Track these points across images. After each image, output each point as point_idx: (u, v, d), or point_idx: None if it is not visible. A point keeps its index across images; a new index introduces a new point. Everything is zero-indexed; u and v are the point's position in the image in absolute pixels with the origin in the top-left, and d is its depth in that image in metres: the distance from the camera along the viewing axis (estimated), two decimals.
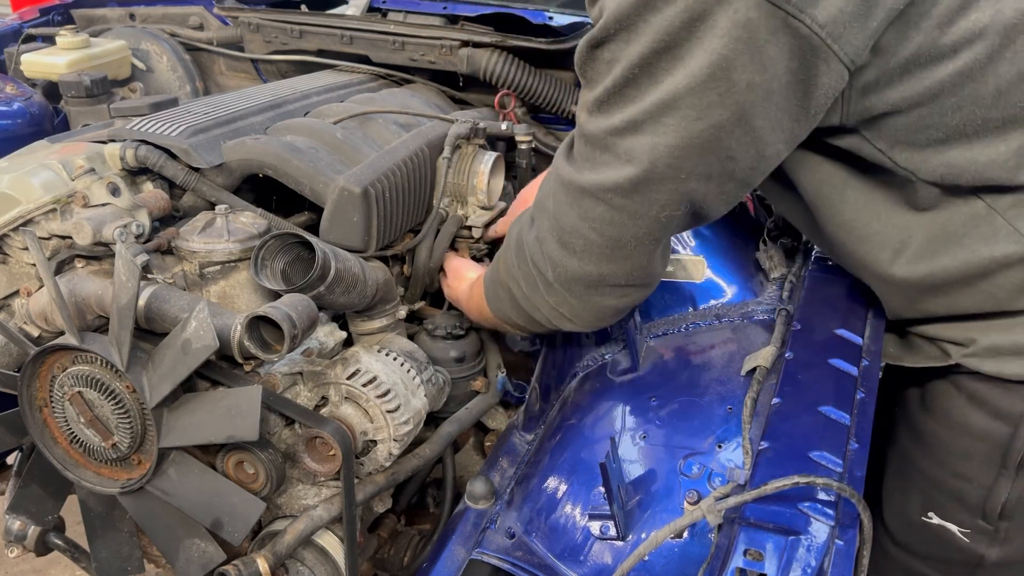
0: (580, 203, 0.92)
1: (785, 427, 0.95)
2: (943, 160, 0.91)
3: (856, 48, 0.80)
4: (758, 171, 0.89)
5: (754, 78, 0.78)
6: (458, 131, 1.47)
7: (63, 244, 1.20)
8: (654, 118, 0.82)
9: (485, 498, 1.12)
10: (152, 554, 1.26)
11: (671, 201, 0.87)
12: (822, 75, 0.81)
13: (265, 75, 2.11)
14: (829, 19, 0.77)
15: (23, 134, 1.84)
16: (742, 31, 0.76)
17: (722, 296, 1.28)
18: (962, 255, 0.96)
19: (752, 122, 0.82)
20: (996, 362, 1.00)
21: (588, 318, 1.03)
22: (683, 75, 0.79)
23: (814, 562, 0.79)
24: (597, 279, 0.96)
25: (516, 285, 1.07)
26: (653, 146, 0.83)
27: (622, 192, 0.87)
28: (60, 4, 2.34)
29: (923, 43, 0.84)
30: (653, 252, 0.94)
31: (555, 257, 0.97)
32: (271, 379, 1.12)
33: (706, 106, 0.80)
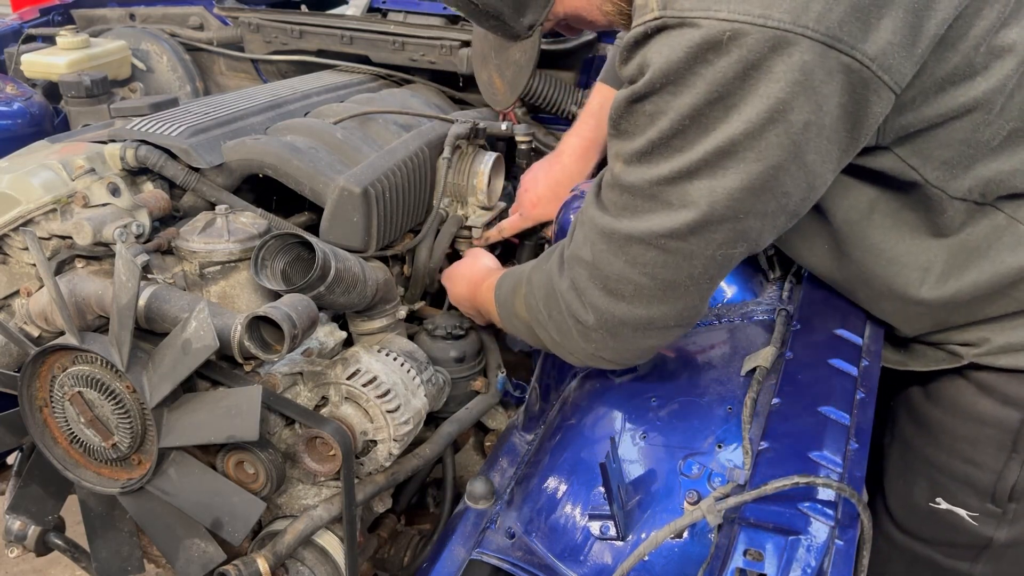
0: (627, 250, 0.90)
1: (785, 427, 0.95)
2: (971, 175, 0.92)
3: (904, 75, 0.81)
4: (808, 201, 0.89)
5: (811, 117, 0.79)
6: (458, 131, 1.47)
7: (63, 244, 1.20)
8: (710, 164, 0.82)
9: (485, 498, 1.12)
10: (152, 554, 1.26)
11: (728, 240, 0.86)
12: (872, 105, 0.81)
13: (265, 75, 2.11)
14: (879, 52, 0.78)
15: (23, 134, 1.84)
16: (799, 74, 0.76)
17: (722, 296, 1.28)
18: (989, 268, 0.97)
19: (805, 158, 0.82)
20: (1011, 357, 1.01)
21: (629, 358, 1.02)
22: (739, 122, 0.79)
23: (814, 562, 0.79)
24: (647, 322, 0.94)
25: (545, 331, 1.05)
26: (711, 190, 0.82)
27: (678, 236, 0.86)
28: (60, 4, 2.34)
29: (959, 63, 0.85)
30: (708, 290, 0.93)
31: (600, 304, 0.95)
32: (271, 379, 1.12)
33: (764, 148, 0.80)
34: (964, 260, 0.98)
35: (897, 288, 1.03)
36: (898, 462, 1.19)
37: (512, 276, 1.15)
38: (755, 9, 0.75)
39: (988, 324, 1.03)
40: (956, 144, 0.90)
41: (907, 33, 0.79)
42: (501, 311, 1.16)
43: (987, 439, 1.06)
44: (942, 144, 0.91)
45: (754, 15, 0.75)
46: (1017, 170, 0.92)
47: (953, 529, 1.12)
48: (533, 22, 1.08)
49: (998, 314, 1.01)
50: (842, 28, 0.75)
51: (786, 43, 0.75)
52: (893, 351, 1.15)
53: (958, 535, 1.12)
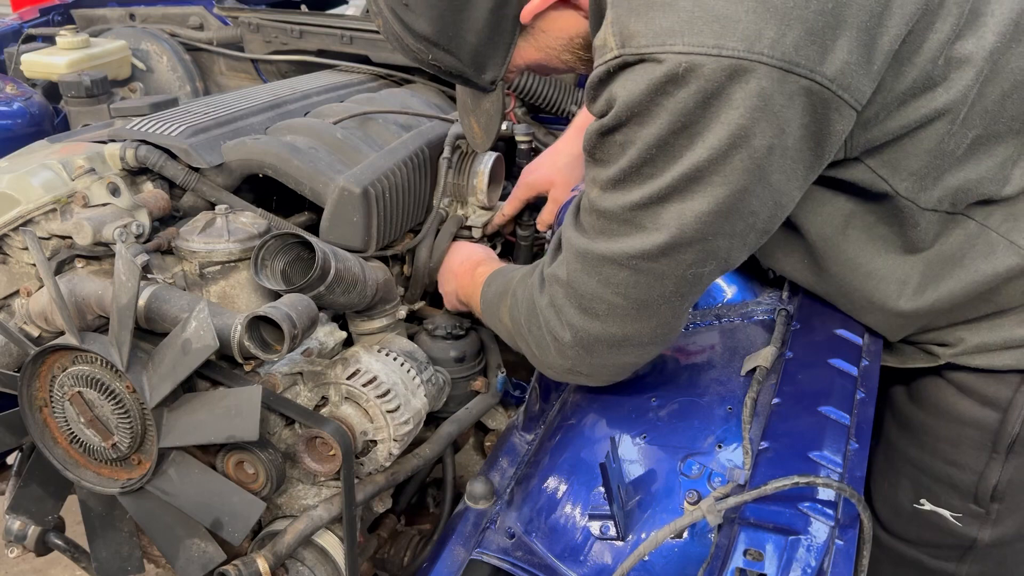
0: (600, 270, 0.92)
1: (785, 427, 0.95)
2: (942, 184, 0.94)
3: (863, 92, 0.83)
4: (776, 218, 0.91)
5: (773, 141, 0.81)
6: (458, 131, 1.47)
7: (63, 244, 1.20)
8: (678, 190, 0.84)
9: (485, 498, 1.12)
10: (152, 554, 1.26)
11: (697, 260, 0.89)
12: (835, 123, 0.84)
13: (265, 75, 2.11)
14: (838, 72, 0.80)
15: (23, 134, 1.84)
16: (757, 100, 0.78)
17: (722, 296, 1.28)
18: (965, 276, 0.98)
19: (770, 179, 0.84)
20: (985, 357, 1.02)
21: (606, 375, 1.04)
22: (703, 148, 0.81)
23: (814, 562, 0.79)
24: (621, 339, 0.96)
25: (525, 344, 1.08)
26: (681, 213, 0.85)
27: (650, 257, 0.88)
28: (60, 4, 2.34)
29: (917, 76, 0.87)
30: (680, 308, 0.95)
31: (576, 322, 0.97)
32: (271, 379, 1.12)
33: (729, 173, 0.82)
34: (940, 270, 0.99)
35: (876, 301, 1.05)
36: (882, 463, 1.19)
37: (501, 279, 1.18)
38: (708, 40, 0.77)
39: (964, 325, 1.04)
40: (923, 154, 0.92)
41: (862, 52, 0.81)
42: (485, 310, 1.19)
43: (967, 440, 1.07)
44: (910, 155, 0.93)
45: (708, 46, 0.77)
46: (983, 177, 0.94)
47: (938, 530, 1.12)
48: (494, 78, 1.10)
49: (974, 316, 1.02)
50: (798, 52, 0.78)
51: (742, 71, 0.77)
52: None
53: (943, 536, 1.12)
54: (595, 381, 1.07)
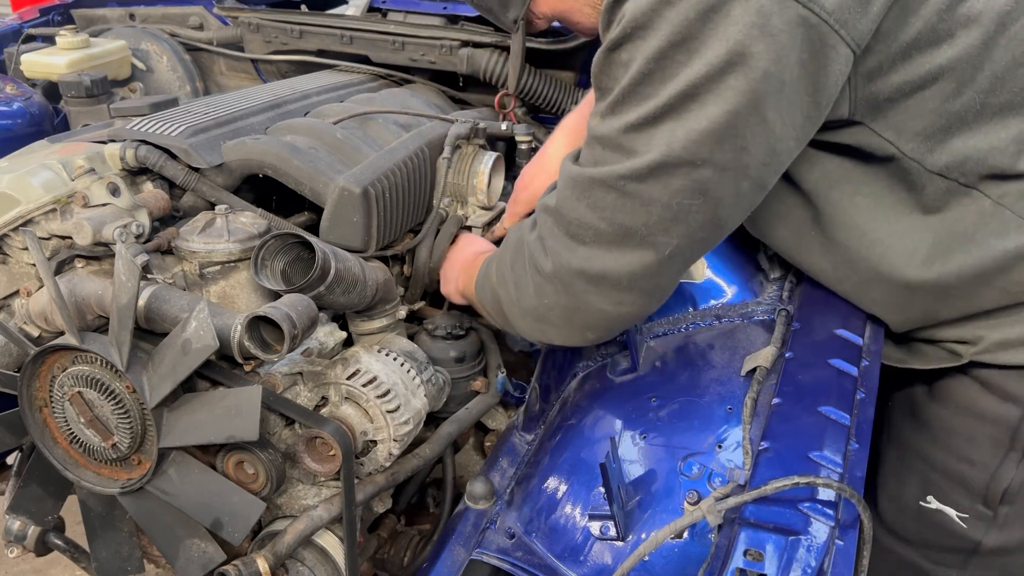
0: (590, 193, 0.92)
1: (785, 427, 0.95)
2: (947, 148, 0.94)
3: (861, 32, 0.84)
4: (771, 168, 0.90)
5: (770, 67, 0.81)
6: (458, 131, 1.47)
7: (63, 244, 1.20)
8: (673, 108, 0.85)
9: (485, 498, 1.12)
10: (152, 554, 1.26)
11: (684, 188, 0.88)
12: (831, 63, 0.84)
13: (265, 75, 2.11)
14: (836, 6, 0.81)
15: (23, 134, 1.84)
16: (756, 17, 0.79)
17: (722, 296, 1.28)
18: (976, 252, 0.97)
19: (765, 113, 0.84)
20: (1009, 354, 1.01)
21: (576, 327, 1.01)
22: (700, 64, 0.82)
23: (814, 562, 0.79)
24: (600, 274, 0.94)
25: (505, 288, 1.06)
26: (671, 133, 0.85)
27: (637, 178, 0.88)
28: (60, 4, 2.34)
29: (922, 29, 0.87)
30: (664, 252, 0.93)
31: (559, 249, 0.96)
32: (271, 379, 1.12)
33: (723, 91, 0.82)
34: (950, 244, 0.98)
35: (883, 270, 1.03)
36: (893, 461, 1.18)
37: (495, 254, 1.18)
38: None
39: (981, 320, 1.03)
40: (927, 114, 0.92)
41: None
42: (478, 283, 1.18)
43: (984, 436, 1.05)
44: (913, 115, 0.92)
45: None
46: (995, 148, 0.93)
47: (941, 530, 1.10)
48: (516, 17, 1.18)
49: (990, 307, 1.01)
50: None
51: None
52: (894, 349, 1.15)
53: (945, 537, 1.10)
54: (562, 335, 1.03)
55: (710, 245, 0.98)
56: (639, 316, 1.01)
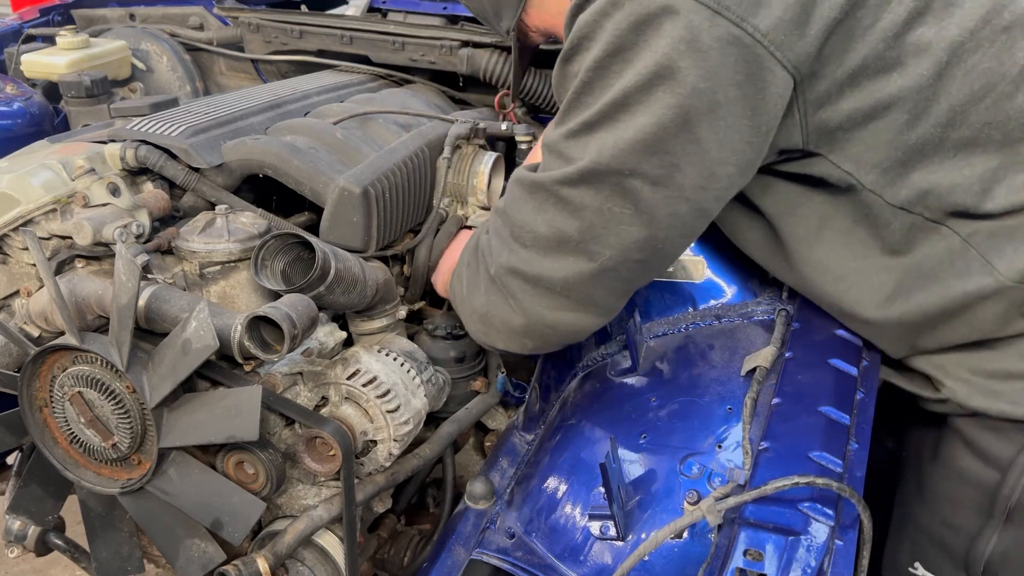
0: (534, 197, 0.95)
1: (785, 427, 0.95)
2: (907, 182, 0.93)
3: (798, 55, 0.84)
4: (710, 192, 0.90)
5: (699, 83, 0.82)
6: (458, 131, 1.47)
7: (63, 244, 1.20)
8: (606, 116, 0.87)
9: (485, 498, 1.12)
10: (152, 554, 1.26)
11: (613, 195, 0.90)
12: (769, 85, 0.84)
13: (265, 75, 2.11)
14: (770, 27, 0.81)
15: (23, 134, 1.84)
16: (685, 32, 0.81)
17: (722, 296, 1.28)
18: (938, 291, 0.96)
19: (696, 131, 0.85)
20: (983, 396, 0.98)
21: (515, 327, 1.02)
22: (632, 75, 0.84)
23: (814, 562, 0.79)
24: (536, 275, 0.97)
25: (459, 283, 1.10)
26: (602, 140, 0.88)
27: (570, 183, 0.91)
28: (60, 4, 2.33)
29: (868, 54, 0.87)
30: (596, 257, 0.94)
31: (502, 250, 1.00)
32: (271, 379, 1.12)
33: (651, 103, 0.84)
34: (913, 282, 0.97)
35: (845, 307, 1.03)
36: (895, 523, 1.16)
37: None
38: None
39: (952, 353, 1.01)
40: (883, 146, 0.91)
41: (798, 11, 0.82)
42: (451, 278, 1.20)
43: (966, 500, 1.02)
44: (870, 146, 0.92)
45: None
46: (957, 185, 0.91)
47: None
48: (508, 27, 1.22)
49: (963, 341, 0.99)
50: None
51: (674, 2, 0.81)
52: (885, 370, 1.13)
53: None
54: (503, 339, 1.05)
55: (652, 270, 0.99)
56: (577, 329, 1.01)
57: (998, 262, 0.92)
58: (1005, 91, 0.88)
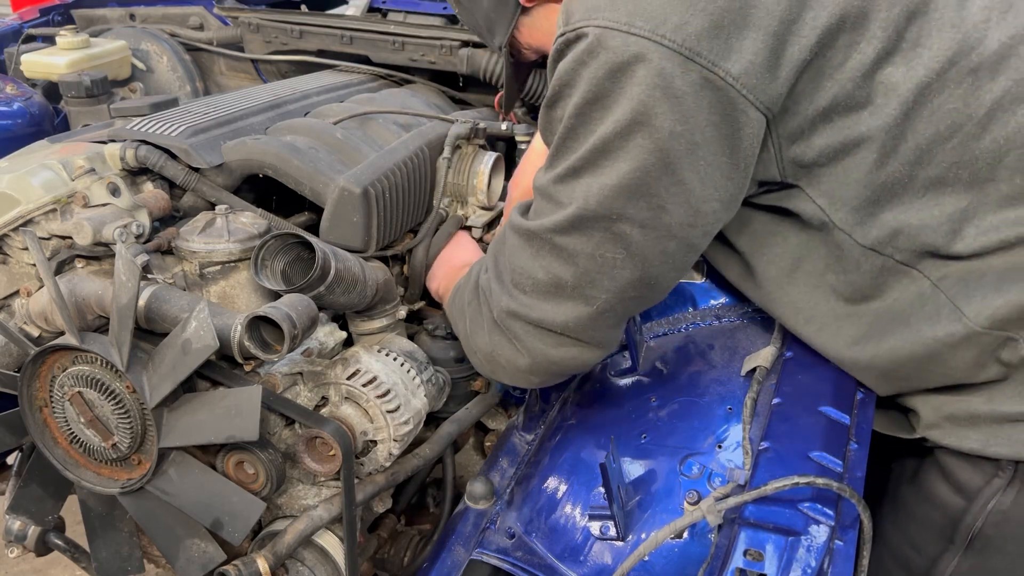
0: (531, 244, 0.97)
1: (785, 427, 0.95)
2: (877, 221, 0.94)
3: (771, 96, 0.86)
4: (697, 229, 0.92)
5: (676, 127, 0.84)
6: (458, 131, 1.47)
7: (63, 244, 1.20)
8: (590, 162, 0.89)
9: (485, 498, 1.12)
10: (152, 554, 1.26)
11: (605, 241, 0.91)
12: (744, 125, 0.86)
13: (265, 75, 2.11)
14: (742, 71, 0.83)
15: (23, 134, 1.84)
16: (658, 79, 0.83)
17: (722, 296, 1.28)
18: (909, 336, 0.96)
19: (679, 173, 0.87)
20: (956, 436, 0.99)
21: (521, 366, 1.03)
22: (610, 121, 0.86)
23: (814, 562, 0.79)
24: (537, 319, 0.98)
25: (463, 321, 1.11)
26: (587, 187, 0.90)
27: (562, 231, 0.93)
28: (60, 4, 2.33)
29: (839, 93, 0.89)
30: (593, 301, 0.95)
31: (502, 295, 1.01)
32: (271, 379, 1.12)
33: (631, 149, 0.86)
34: (885, 327, 0.98)
35: (818, 346, 1.04)
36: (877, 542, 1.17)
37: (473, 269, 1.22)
38: (622, 17, 0.84)
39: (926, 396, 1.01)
40: (854, 184, 0.93)
41: (769, 56, 0.84)
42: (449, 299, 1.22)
43: (931, 523, 1.03)
44: (842, 183, 0.93)
45: (620, 22, 0.84)
46: (926, 225, 0.92)
47: None
48: (500, 43, 1.23)
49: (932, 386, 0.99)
50: (700, 43, 0.82)
51: (646, 50, 0.83)
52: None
53: None
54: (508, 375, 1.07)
55: (647, 303, 1.01)
56: (582, 363, 1.03)
57: (967, 307, 0.92)
58: (971, 132, 0.89)
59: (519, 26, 1.19)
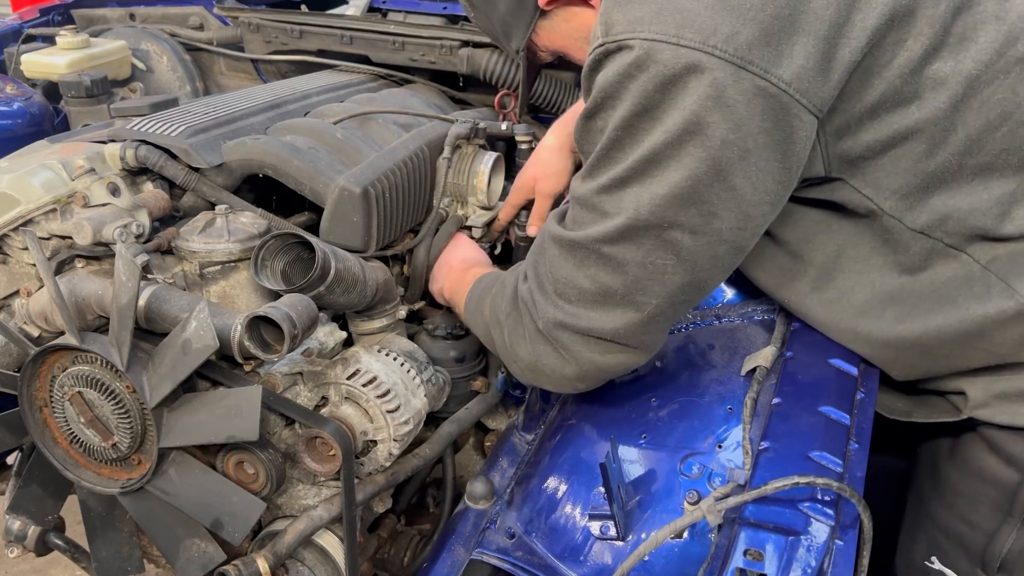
0: (573, 254, 0.96)
1: (785, 427, 0.95)
2: (927, 207, 0.95)
3: (822, 98, 0.87)
4: (747, 231, 0.92)
5: (728, 135, 0.84)
6: (458, 131, 1.47)
7: (63, 244, 1.20)
8: (638, 172, 0.89)
9: (485, 498, 1.12)
10: (152, 554, 1.26)
11: (656, 248, 0.91)
12: (797, 130, 0.87)
13: (265, 75, 2.11)
14: (794, 76, 0.84)
15: (23, 134, 1.84)
16: (711, 90, 0.83)
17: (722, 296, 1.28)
18: (956, 314, 0.97)
19: (731, 180, 0.87)
20: (1009, 413, 0.99)
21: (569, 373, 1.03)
22: (660, 132, 0.86)
23: (814, 562, 0.79)
24: (586, 328, 0.98)
25: (499, 331, 1.09)
26: (638, 196, 0.89)
27: (611, 240, 0.92)
28: (60, 4, 2.33)
29: (886, 90, 0.90)
30: (644, 307, 0.95)
31: (548, 307, 1.00)
32: (271, 379, 1.12)
33: (683, 158, 0.86)
34: (932, 305, 0.98)
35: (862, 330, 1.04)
36: (910, 518, 1.17)
37: (491, 276, 1.21)
38: (671, 29, 0.84)
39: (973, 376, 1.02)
40: (903, 172, 0.94)
41: (820, 60, 0.85)
42: (468, 304, 1.21)
43: (985, 498, 1.04)
44: (889, 172, 0.94)
45: (669, 35, 0.84)
46: (976, 208, 0.93)
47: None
48: (517, 47, 1.22)
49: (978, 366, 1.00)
50: (751, 51, 0.82)
51: (698, 61, 0.83)
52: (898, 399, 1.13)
53: None
54: (553, 383, 1.06)
55: (693, 304, 1.01)
56: (628, 367, 1.03)
57: (1019, 285, 0.93)
58: (1021, 119, 0.91)
59: (537, 29, 1.19)
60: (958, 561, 1.07)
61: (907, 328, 1.00)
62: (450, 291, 1.33)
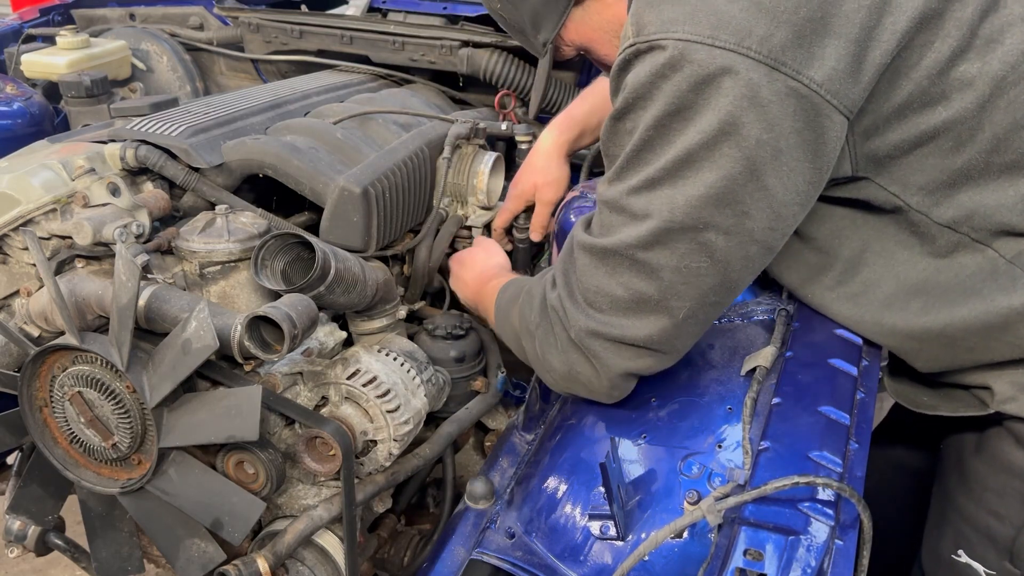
0: (605, 262, 0.95)
1: (785, 427, 0.95)
2: (953, 203, 0.96)
3: (853, 99, 0.87)
4: (777, 232, 0.92)
5: (762, 135, 0.85)
6: (458, 131, 1.47)
7: (63, 244, 1.20)
8: (670, 173, 0.88)
9: (485, 498, 1.12)
10: (152, 554, 1.26)
11: (690, 251, 0.91)
12: (828, 130, 0.87)
13: (265, 75, 2.11)
14: (826, 77, 0.85)
15: (23, 134, 1.84)
16: (745, 90, 0.83)
17: None
18: (981, 305, 0.97)
19: (764, 179, 0.87)
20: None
21: (604, 382, 1.03)
22: (695, 132, 0.86)
23: (814, 562, 0.79)
24: (619, 336, 0.97)
25: (530, 342, 1.08)
26: (671, 198, 0.89)
27: (644, 246, 0.91)
28: (60, 4, 2.34)
29: (914, 91, 0.90)
30: (678, 312, 0.95)
31: (579, 316, 0.99)
32: (271, 379, 1.12)
33: (717, 159, 0.86)
34: (956, 297, 0.99)
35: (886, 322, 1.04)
36: (936, 511, 1.18)
37: (516, 285, 1.19)
38: (705, 30, 0.84)
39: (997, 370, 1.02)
40: (929, 170, 0.94)
41: (851, 61, 0.85)
42: (498, 315, 1.20)
43: (1013, 491, 1.04)
44: (916, 170, 0.95)
45: (704, 35, 0.84)
46: (1002, 205, 0.94)
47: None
48: (545, 40, 1.20)
49: (1001, 359, 1.00)
50: (785, 53, 0.83)
51: (732, 62, 0.83)
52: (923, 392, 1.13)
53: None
54: (588, 391, 1.06)
55: (723, 307, 1.00)
56: (658, 369, 1.03)
57: None
58: None
59: (567, 22, 1.18)
60: (986, 554, 1.08)
61: (932, 319, 1.00)
62: (475, 300, 1.33)
